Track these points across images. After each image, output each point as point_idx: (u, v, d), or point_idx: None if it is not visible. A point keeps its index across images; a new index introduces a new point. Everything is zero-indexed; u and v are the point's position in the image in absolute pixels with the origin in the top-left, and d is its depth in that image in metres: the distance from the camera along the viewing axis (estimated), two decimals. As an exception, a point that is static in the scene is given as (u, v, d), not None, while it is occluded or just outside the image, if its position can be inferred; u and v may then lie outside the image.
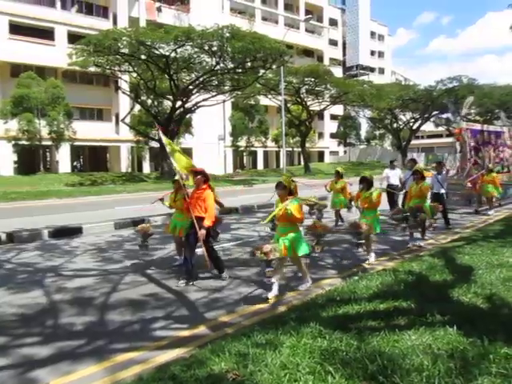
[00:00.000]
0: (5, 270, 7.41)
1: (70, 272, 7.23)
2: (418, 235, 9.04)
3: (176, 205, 7.23)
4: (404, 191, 11.36)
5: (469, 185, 13.72)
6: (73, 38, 31.70)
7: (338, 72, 52.77)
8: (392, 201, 12.24)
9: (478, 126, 16.43)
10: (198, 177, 6.53)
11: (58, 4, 34.87)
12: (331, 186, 11.16)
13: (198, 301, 5.62)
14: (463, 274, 5.90)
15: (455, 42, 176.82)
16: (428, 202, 9.09)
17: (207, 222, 6.20)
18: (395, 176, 12.59)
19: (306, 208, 11.23)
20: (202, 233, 6.17)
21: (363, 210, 7.54)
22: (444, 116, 48.81)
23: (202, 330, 4.68)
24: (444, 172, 11.56)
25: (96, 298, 5.82)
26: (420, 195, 8.84)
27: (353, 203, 9.55)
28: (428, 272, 6.08)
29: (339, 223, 11.16)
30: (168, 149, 6.86)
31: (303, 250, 5.74)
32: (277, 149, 46.67)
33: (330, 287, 5.85)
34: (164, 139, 7.10)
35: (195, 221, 6.23)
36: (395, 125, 51.48)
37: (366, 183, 7.44)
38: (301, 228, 7.71)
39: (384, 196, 12.28)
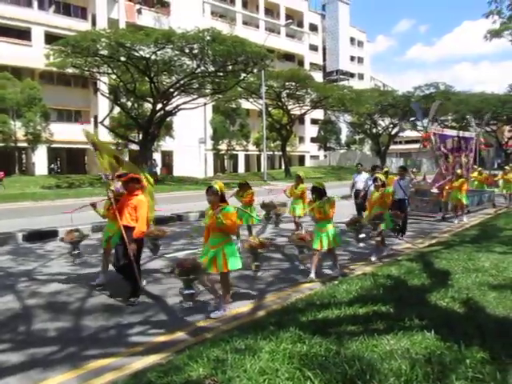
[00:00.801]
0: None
1: (44, 276, 7.05)
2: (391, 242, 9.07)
3: (109, 214, 6.43)
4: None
5: (435, 191, 13.49)
6: (50, 38, 31.14)
7: (318, 77, 53.21)
8: (359, 208, 11.57)
9: (448, 132, 16.34)
10: (130, 184, 5.76)
11: (35, 4, 34.25)
12: (291, 191, 10.15)
13: (176, 305, 5.53)
14: (441, 279, 5.97)
15: (432, 50, 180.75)
16: (388, 212, 8.43)
17: (138, 233, 5.49)
18: (361, 181, 12.00)
19: (263, 212, 11.32)
20: (131, 248, 5.44)
21: (317, 221, 6.90)
22: (411, 119, 48.88)
23: (179, 335, 4.60)
24: (407, 178, 11.08)
25: (71, 303, 5.67)
26: (381, 203, 8.23)
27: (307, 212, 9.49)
28: (406, 276, 6.13)
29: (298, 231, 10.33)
30: (91, 145, 6.35)
31: (235, 264, 5.17)
32: (258, 152, 46.71)
33: (309, 291, 5.85)
34: (85, 132, 6.55)
35: (124, 231, 5.51)
36: (374, 130, 52.18)
37: (318, 193, 6.82)
38: (239, 243, 7.81)
39: (345, 205, 12.48)
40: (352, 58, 69.77)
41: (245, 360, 3.39)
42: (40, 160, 33.55)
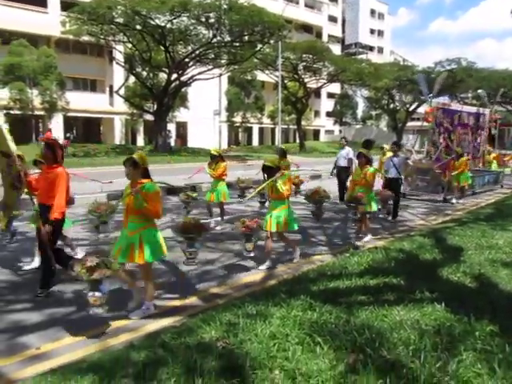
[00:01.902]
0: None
1: (61, 241, 7.20)
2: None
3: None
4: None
5: (438, 170, 12.59)
6: (66, 5, 30.86)
7: (336, 49, 52.13)
8: (341, 186, 10.77)
9: (455, 106, 15.07)
10: (47, 150, 4.78)
11: (51, -31, 33.86)
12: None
13: (190, 272, 5.64)
14: (453, 254, 5.97)
15: (455, 25, 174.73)
16: (373, 192, 7.57)
17: (54, 214, 4.54)
18: (342, 157, 11.08)
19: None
20: (45, 230, 4.48)
21: (271, 201, 6.13)
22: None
23: (192, 300, 4.72)
24: (402, 155, 9.90)
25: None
26: (364, 183, 7.31)
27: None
28: (418, 251, 6.15)
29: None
30: None
31: (155, 254, 4.24)
32: (272, 126, 46.40)
33: (320, 263, 5.91)
34: None
35: (40, 211, 4.68)
36: (392, 105, 51.24)
37: (268, 172, 5.97)
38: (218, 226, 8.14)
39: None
40: (372, 31, 68.03)
41: (256, 325, 3.48)
42: (56, 128, 33.76)
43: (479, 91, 23.05)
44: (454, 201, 12.11)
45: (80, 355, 3.48)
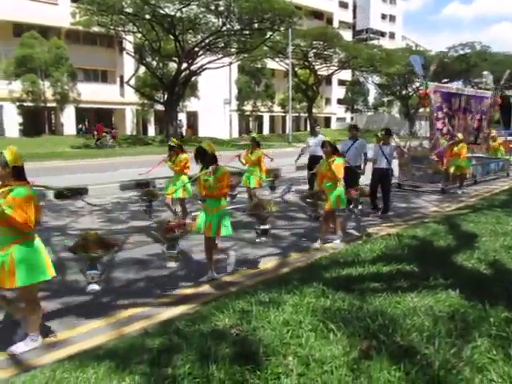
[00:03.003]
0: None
1: (76, 231, 7.30)
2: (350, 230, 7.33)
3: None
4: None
5: (435, 158, 11.56)
6: (76, -4, 30.88)
7: (347, 36, 51.41)
8: (310, 179, 9.25)
9: (453, 89, 13.82)
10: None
11: (60, -40, 33.81)
12: (246, 158, 8.71)
13: (203, 261, 5.67)
14: (467, 241, 5.91)
15: (469, 9, 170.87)
16: (341, 186, 6.33)
17: None
18: (316, 145, 9.22)
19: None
20: None
21: (203, 199, 5.15)
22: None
23: (205, 288, 4.76)
24: (393, 144, 8.82)
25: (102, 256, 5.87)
26: (331, 176, 6.27)
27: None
28: (432, 237, 6.10)
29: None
30: None
31: (31, 276, 3.35)
32: (283, 114, 46.14)
33: (333, 250, 5.91)
34: None
35: None
36: (404, 91, 50.56)
37: (202, 158, 4.82)
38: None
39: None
40: (383, 16, 67.00)
41: (269, 312, 3.49)
42: (68, 120, 34.03)
43: (484, 72, 21.35)
44: (459, 191, 11.37)
45: (96, 342, 3.54)
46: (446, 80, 47.85)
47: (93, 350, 3.29)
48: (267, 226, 6.48)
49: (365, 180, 8.65)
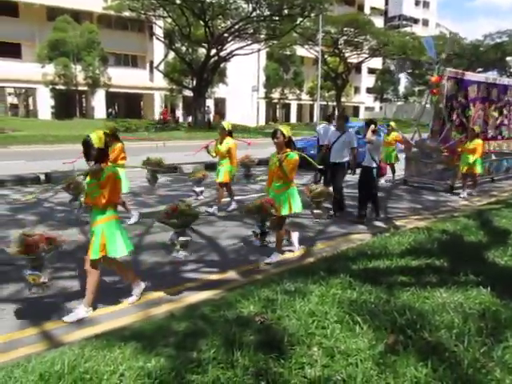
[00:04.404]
0: (44, 208, 7.69)
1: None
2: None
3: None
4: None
5: (444, 153, 10.36)
6: (108, -20, 31.08)
7: (379, 22, 50.21)
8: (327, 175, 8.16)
9: (471, 76, 12.00)
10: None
11: None
12: (215, 149, 7.64)
13: (228, 247, 5.70)
14: (499, 237, 5.74)
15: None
16: (294, 187, 5.23)
17: None
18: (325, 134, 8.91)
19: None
20: None
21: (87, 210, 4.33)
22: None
23: (231, 275, 4.78)
24: (381, 137, 7.73)
25: (130, 238, 5.96)
26: (281, 175, 5.07)
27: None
28: (462, 232, 5.94)
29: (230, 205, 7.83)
30: None
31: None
32: (311, 102, 45.69)
33: (360, 242, 5.83)
34: None
35: None
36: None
37: (86, 152, 3.72)
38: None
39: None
40: (417, 3, 65.17)
41: (294, 301, 3.47)
42: (99, 104, 34.59)
43: (508, 58, 18.98)
44: (463, 194, 9.77)
45: (123, 323, 3.61)
46: (480, 69, 46.43)
47: (119, 330, 3.35)
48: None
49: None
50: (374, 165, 7.15)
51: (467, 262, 4.53)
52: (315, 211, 6.27)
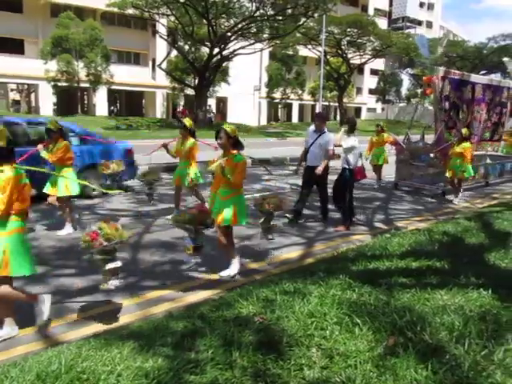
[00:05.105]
0: (42, 206, 7.67)
1: (104, 211, 7.42)
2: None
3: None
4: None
5: (437, 155, 9.94)
6: (112, -23, 31.08)
7: (382, 24, 50.13)
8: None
9: (465, 76, 11.39)
10: None
11: None
12: (177, 149, 6.89)
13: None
14: (501, 240, 5.70)
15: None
16: (242, 194, 4.68)
17: None
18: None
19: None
20: None
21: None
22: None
23: (230, 274, 4.75)
24: (355, 137, 6.78)
25: (129, 237, 5.94)
26: (226, 180, 4.46)
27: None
28: (463, 234, 5.91)
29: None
30: None
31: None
32: (313, 102, 45.62)
33: (360, 243, 5.81)
34: None
35: None
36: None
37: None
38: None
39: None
40: (421, 4, 64.96)
41: (293, 302, 3.45)
42: (100, 101, 34.60)
43: (505, 59, 18.09)
44: (456, 200, 9.40)
45: (121, 322, 3.59)
46: (483, 72, 46.38)
47: (118, 329, 3.33)
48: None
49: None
50: (347, 166, 6.69)
51: (468, 264, 4.51)
52: (262, 225, 5.38)
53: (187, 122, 6.90)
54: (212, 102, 37.90)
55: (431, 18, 67.23)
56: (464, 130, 9.35)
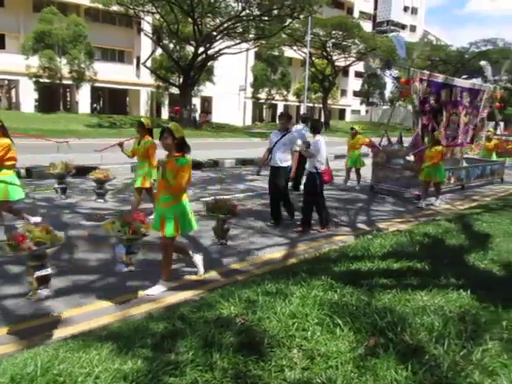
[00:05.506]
0: (24, 204, 7.51)
1: (86, 210, 7.31)
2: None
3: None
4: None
5: (411, 158, 9.80)
6: (96, -27, 30.67)
7: (367, 27, 50.64)
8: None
9: (442, 78, 11.18)
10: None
11: None
12: (134, 148, 6.51)
13: (211, 247, 5.64)
14: (480, 241, 5.79)
15: (494, 4, 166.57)
16: (186, 201, 4.23)
17: None
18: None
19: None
20: None
21: None
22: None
23: (212, 275, 4.72)
24: (320, 139, 6.52)
25: (110, 236, 5.86)
26: (168, 186, 4.08)
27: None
28: (444, 236, 5.99)
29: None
30: None
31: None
32: (298, 103, 45.77)
33: (342, 244, 5.83)
34: None
35: None
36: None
37: None
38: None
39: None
40: (405, 9, 65.77)
41: (275, 303, 3.44)
42: (83, 98, 34.12)
43: (482, 62, 18.09)
44: (437, 202, 9.32)
45: (100, 323, 3.53)
46: (465, 76, 47.13)
47: (97, 330, 3.27)
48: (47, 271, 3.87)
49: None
50: (314, 170, 6.49)
51: (448, 265, 4.56)
52: (215, 229, 5.41)
53: (144, 119, 6.55)
54: (197, 102, 37.72)
55: (415, 22, 68.09)
56: (436, 133, 9.29)
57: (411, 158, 9.81)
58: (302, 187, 7.92)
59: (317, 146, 6.47)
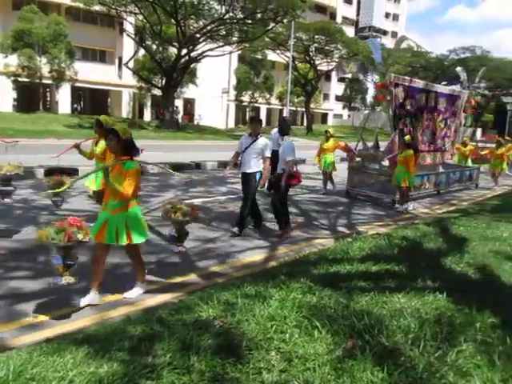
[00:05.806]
0: (0, 205, 7.35)
1: (64, 212, 7.18)
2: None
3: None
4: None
5: (386, 163, 9.73)
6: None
7: (350, 32, 51.18)
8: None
9: (420, 84, 11.18)
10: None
11: None
12: (92, 150, 6.21)
13: (191, 250, 5.61)
14: (457, 244, 5.90)
15: (473, 12, 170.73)
16: (135, 206, 3.92)
17: None
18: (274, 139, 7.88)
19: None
20: None
21: None
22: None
23: (192, 278, 4.70)
24: (290, 139, 6.67)
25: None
26: (116, 193, 3.79)
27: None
28: (422, 239, 6.08)
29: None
30: None
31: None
32: (280, 107, 45.97)
33: (322, 247, 5.87)
34: None
35: None
36: (403, 92, 50.55)
37: None
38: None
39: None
40: (387, 15, 66.81)
41: (254, 305, 3.44)
42: (63, 98, 33.65)
43: (457, 68, 18.10)
44: (404, 207, 9.18)
45: (77, 326, 3.47)
46: (444, 82, 48.01)
47: (73, 333, 3.22)
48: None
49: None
50: (282, 171, 6.32)
51: (425, 268, 4.64)
52: (173, 234, 5.22)
53: (103, 118, 6.04)
54: (179, 103, 37.56)
55: (396, 28, 69.18)
56: (407, 137, 9.10)
57: (386, 162, 9.73)
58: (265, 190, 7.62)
59: (290, 148, 6.31)
